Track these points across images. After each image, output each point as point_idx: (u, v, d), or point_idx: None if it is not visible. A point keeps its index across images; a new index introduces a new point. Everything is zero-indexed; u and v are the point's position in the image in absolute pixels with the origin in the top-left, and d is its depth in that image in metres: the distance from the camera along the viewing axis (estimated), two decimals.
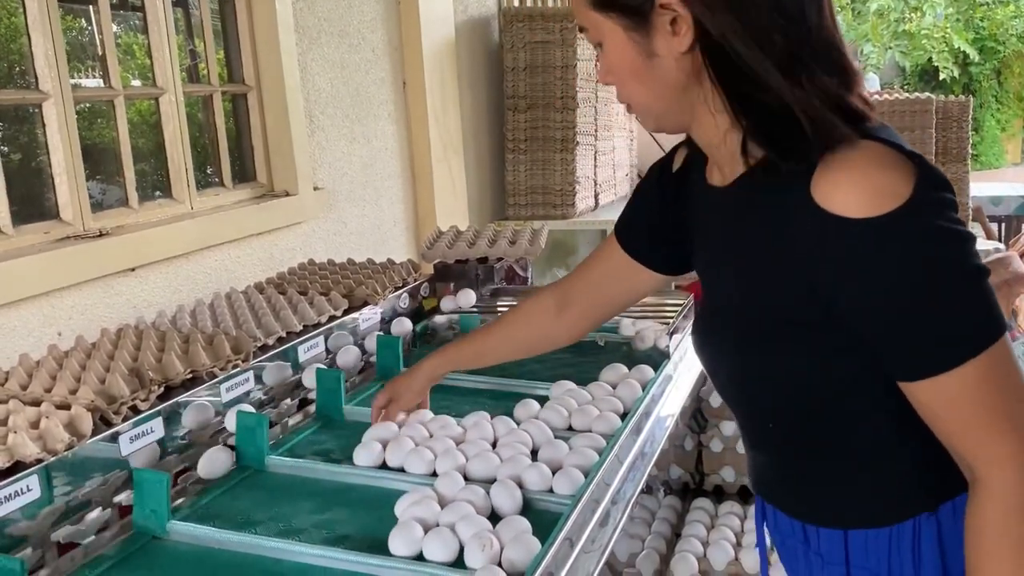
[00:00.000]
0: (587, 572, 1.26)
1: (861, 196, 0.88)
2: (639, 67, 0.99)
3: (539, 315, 1.45)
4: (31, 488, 1.28)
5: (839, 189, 0.89)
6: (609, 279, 1.35)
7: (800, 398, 1.03)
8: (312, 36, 2.88)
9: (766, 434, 1.11)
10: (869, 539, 1.02)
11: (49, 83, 2.03)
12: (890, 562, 1.01)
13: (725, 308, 1.09)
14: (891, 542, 1.01)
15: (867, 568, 1.03)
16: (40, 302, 1.93)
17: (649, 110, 1.04)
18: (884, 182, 0.88)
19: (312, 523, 1.36)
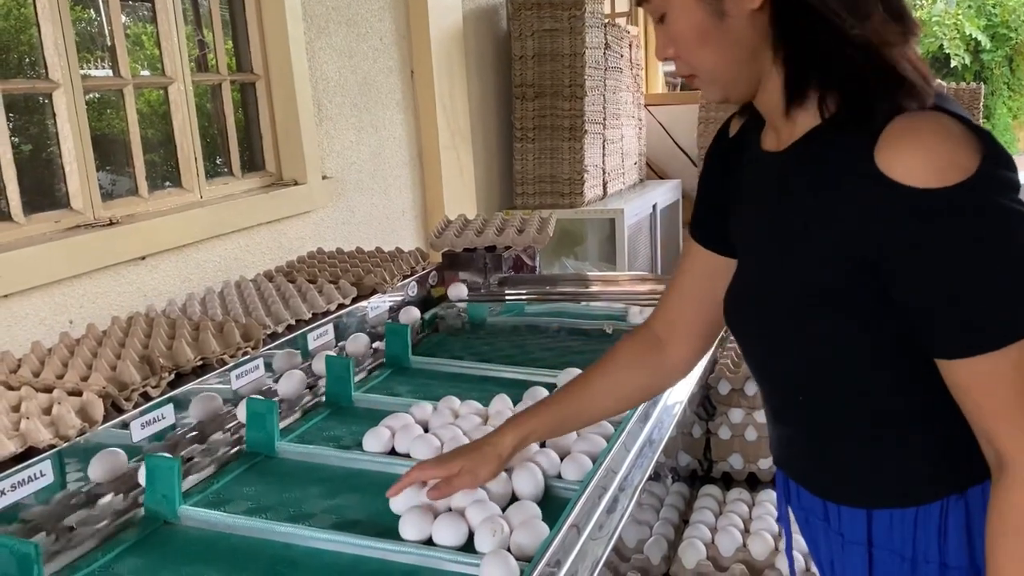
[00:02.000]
0: (595, 558, 1.27)
1: (926, 166, 0.86)
2: (708, 30, 0.96)
3: (639, 357, 1.28)
4: (44, 473, 1.29)
5: (904, 157, 0.87)
6: (702, 283, 1.23)
7: (833, 371, 1.01)
8: (320, 25, 2.88)
9: (795, 407, 1.08)
10: (894, 519, 1.01)
11: (59, 72, 2.04)
12: (915, 543, 1.00)
13: (765, 276, 1.06)
14: (917, 523, 1.00)
15: (890, 549, 1.02)
16: (51, 290, 1.94)
17: (717, 77, 1.00)
18: (950, 155, 0.86)
19: (322, 508, 1.37)
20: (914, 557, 1.00)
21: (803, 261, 0.99)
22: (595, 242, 4.36)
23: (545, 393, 1.69)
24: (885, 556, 1.02)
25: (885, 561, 1.02)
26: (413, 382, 1.91)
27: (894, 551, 1.01)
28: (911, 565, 1.01)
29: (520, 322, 2.37)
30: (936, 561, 1.00)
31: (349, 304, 2.11)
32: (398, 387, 1.89)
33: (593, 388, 1.30)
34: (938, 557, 1.00)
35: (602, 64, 4.28)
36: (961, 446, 0.97)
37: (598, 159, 4.32)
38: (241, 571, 1.21)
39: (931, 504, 0.99)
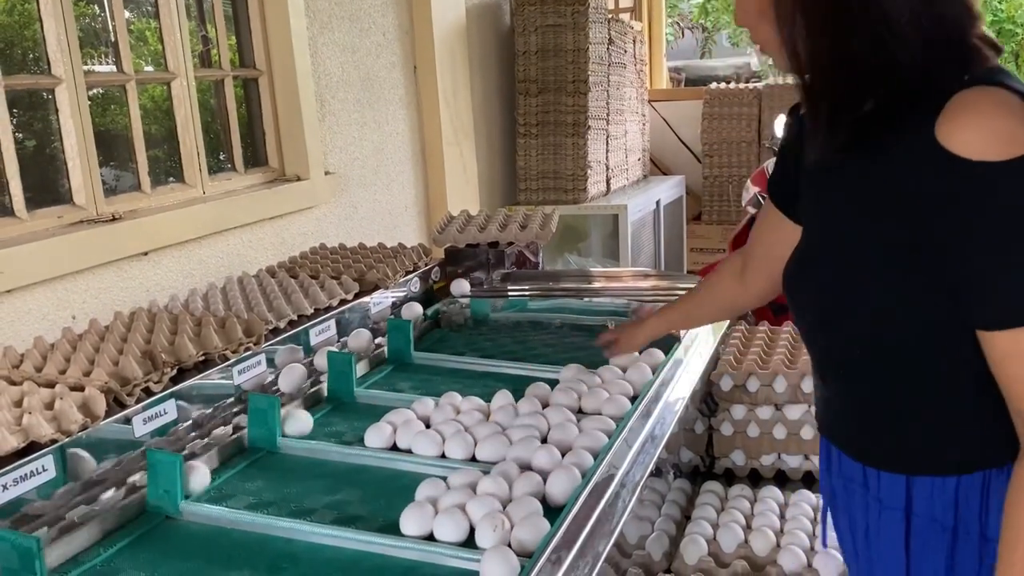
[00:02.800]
0: (596, 554, 1.27)
1: (986, 140, 0.89)
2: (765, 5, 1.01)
3: (728, 277, 1.52)
4: (46, 468, 1.29)
5: (964, 131, 0.90)
6: (775, 240, 1.30)
7: (886, 334, 1.03)
8: (323, 20, 2.88)
9: (843, 370, 1.11)
10: (935, 487, 1.02)
11: (62, 68, 2.04)
12: (957, 513, 1.01)
13: (825, 240, 1.10)
14: (959, 493, 1.01)
15: (930, 516, 1.03)
16: (54, 286, 1.94)
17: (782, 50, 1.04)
18: (1010, 129, 0.89)
19: (323, 503, 1.37)
20: (955, 528, 1.01)
21: (863, 226, 1.02)
22: (598, 238, 4.35)
23: (547, 389, 1.70)
24: (924, 524, 1.03)
25: (924, 529, 1.03)
26: (415, 378, 1.91)
27: (935, 520, 1.02)
28: (952, 535, 1.02)
29: (523, 318, 2.37)
30: (976, 533, 1.01)
31: (351, 300, 2.11)
32: (400, 383, 1.89)
33: (701, 299, 1.62)
34: (979, 529, 1.00)
35: (606, 60, 4.27)
36: (1006, 420, 0.98)
37: (601, 155, 4.32)
38: (243, 566, 1.21)
39: (973, 475, 1.00)
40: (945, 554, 1.03)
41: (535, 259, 2.73)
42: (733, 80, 7.25)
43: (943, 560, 1.03)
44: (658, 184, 4.91)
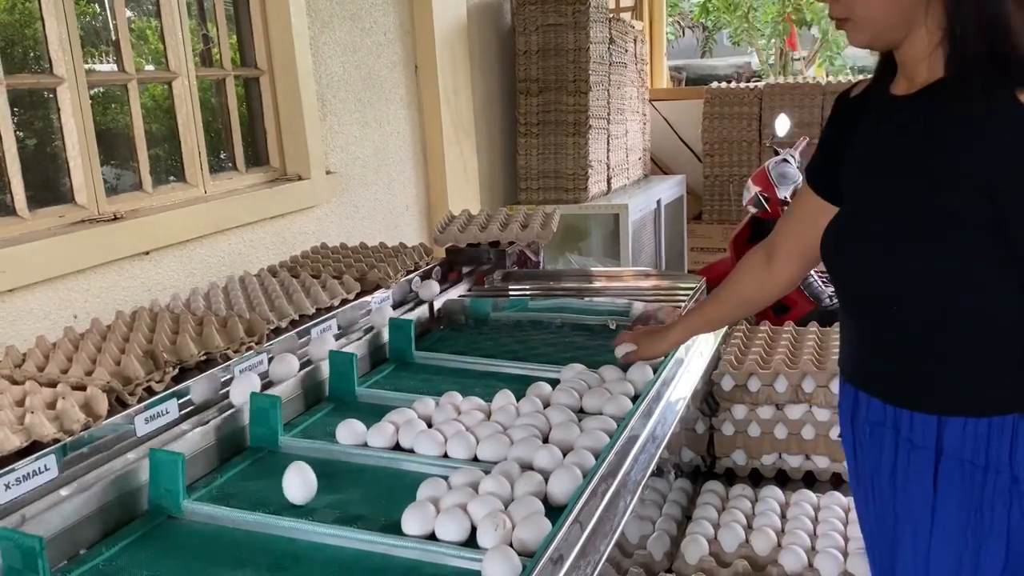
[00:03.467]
0: (598, 553, 1.27)
1: None
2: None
3: (753, 270, 1.55)
4: (48, 467, 1.29)
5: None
6: (807, 224, 1.38)
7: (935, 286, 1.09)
8: (324, 20, 2.88)
9: (884, 316, 1.16)
10: (967, 427, 1.06)
11: (63, 67, 2.04)
12: (988, 452, 1.05)
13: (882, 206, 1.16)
14: (991, 432, 1.05)
15: (961, 457, 1.06)
16: (56, 285, 1.94)
17: (872, 23, 1.10)
18: None
19: (325, 503, 1.37)
20: (987, 465, 1.06)
21: (934, 186, 1.09)
22: (599, 237, 4.35)
23: (548, 388, 1.70)
24: (954, 464, 1.07)
25: (953, 468, 1.08)
26: (416, 377, 1.91)
27: (965, 459, 1.07)
28: (983, 472, 1.06)
29: (524, 317, 2.37)
30: (1008, 473, 1.05)
31: (353, 299, 2.11)
32: (401, 382, 1.89)
33: (725, 297, 1.63)
34: (1009, 469, 1.05)
35: (606, 59, 4.27)
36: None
37: (602, 154, 4.32)
38: (244, 566, 1.21)
39: (1005, 416, 1.05)
40: (973, 493, 1.07)
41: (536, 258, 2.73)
42: (734, 79, 7.24)
43: (970, 498, 1.07)
44: (659, 183, 4.91)
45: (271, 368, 1.76)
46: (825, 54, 9.54)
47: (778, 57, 10.61)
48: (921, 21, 1.08)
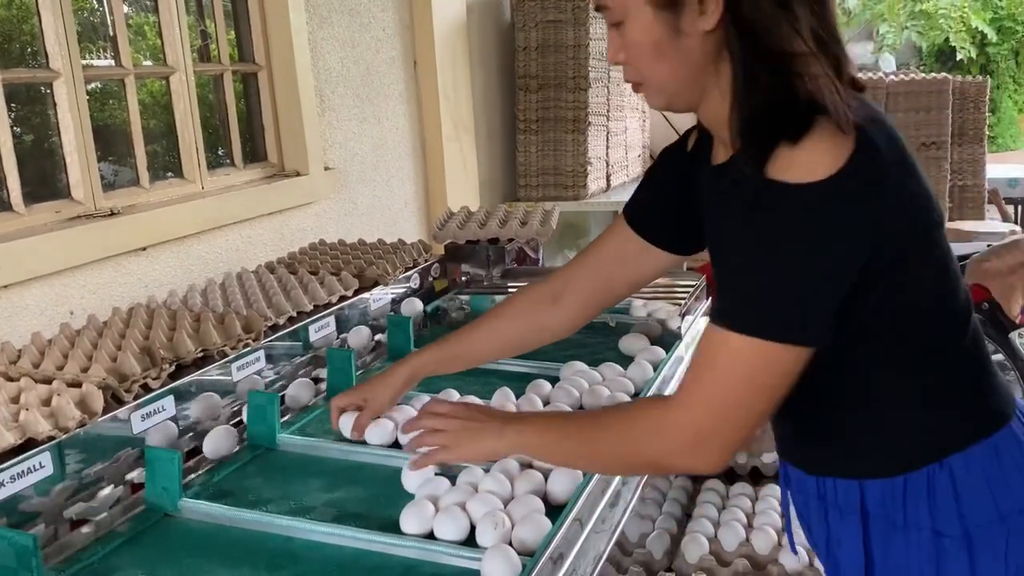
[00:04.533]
0: (597, 552, 1.26)
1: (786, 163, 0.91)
2: (662, 45, 1.01)
3: (531, 307, 1.41)
4: (43, 465, 1.28)
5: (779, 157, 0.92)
6: (615, 263, 1.35)
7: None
8: (322, 15, 2.87)
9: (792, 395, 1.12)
10: (884, 488, 1.05)
11: (59, 62, 2.03)
12: (905, 510, 1.03)
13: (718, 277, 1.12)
14: (907, 491, 1.03)
15: (884, 516, 1.05)
16: (52, 281, 1.93)
17: (664, 88, 1.06)
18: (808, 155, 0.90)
19: (323, 501, 1.36)
20: (905, 524, 1.04)
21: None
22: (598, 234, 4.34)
23: (548, 387, 1.68)
24: (880, 525, 1.06)
25: (880, 530, 1.06)
26: None
27: (888, 519, 1.05)
28: (903, 532, 1.04)
29: None
30: (928, 528, 1.03)
31: (351, 296, 2.10)
32: None
33: (480, 333, 1.44)
34: (930, 524, 1.03)
35: (606, 56, 4.25)
36: (934, 420, 1.03)
37: (601, 151, 4.30)
38: (241, 564, 1.20)
39: (918, 471, 1.03)
40: (900, 552, 1.05)
41: (535, 256, 2.72)
42: None
43: (896, 558, 1.05)
44: None
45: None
46: None
47: None
48: (713, 83, 1.02)
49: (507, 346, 1.47)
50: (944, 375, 1.05)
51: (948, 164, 5.56)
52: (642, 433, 1.04)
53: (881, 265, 0.95)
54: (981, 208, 5.78)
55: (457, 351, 1.46)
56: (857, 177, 0.90)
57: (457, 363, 1.49)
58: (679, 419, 1.00)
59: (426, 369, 1.47)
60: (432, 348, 1.48)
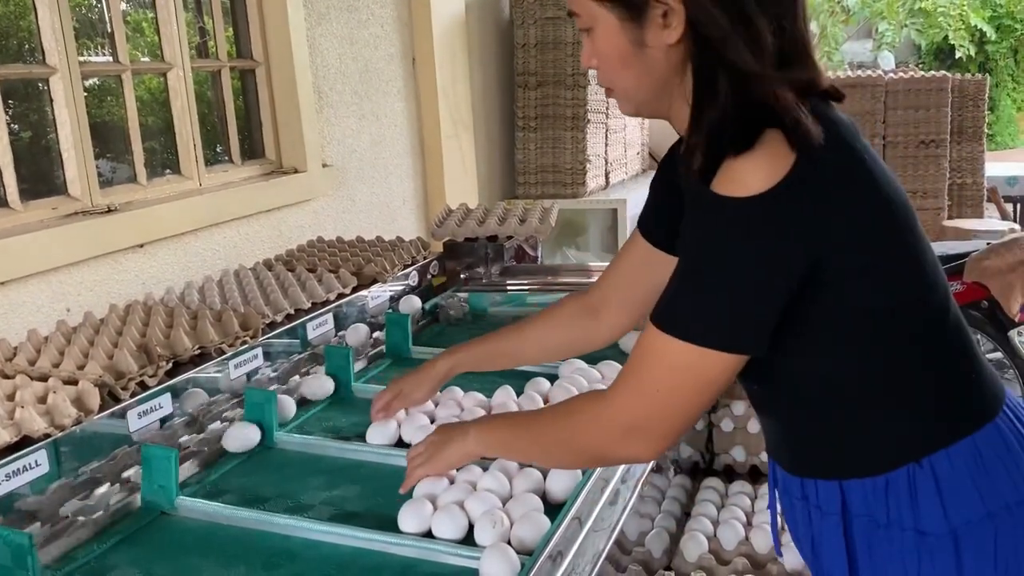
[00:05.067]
0: (596, 550, 1.26)
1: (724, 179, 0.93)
2: (628, 55, 1.04)
3: (575, 320, 1.44)
4: (39, 463, 1.28)
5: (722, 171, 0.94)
6: (640, 270, 1.36)
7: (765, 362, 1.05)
8: (321, 11, 2.86)
9: (763, 398, 1.15)
10: (866, 488, 1.05)
11: (56, 57, 2.02)
12: (888, 510, 1.04)
13: None
14: (888, 490, 1.04)
15: (868, 515, 1.05)
16: (48, 278, 1.92)
17: (630, 96, 1.10)
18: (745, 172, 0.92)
19: (320, 500, 1.36)
20: (888, 523, 1.04)
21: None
22: (597, 232, 4.33)
23: (547, 384, 1.68)
24: (863, 523, 1.06)
25: (862, 528, 1.06)
26: None
27: (871, 518, 1.05)
28: (886, 531, 1.04)
29: (522, 312, 2.35)
30: (912, 528, 1.03)
31: (349, 293, 2.09)
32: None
33: (525, 335, 1.48)
34: (913, 524, 1.03)
35: None
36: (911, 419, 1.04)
37: (600, 149, 4.30)
38: (238, 563, 1.20)
39: (898, 471, 1.03)
40: (884, 552, 1.05)
41: (534, 253, 2.71)
42: None
43: (880, 557, 1.06)
44: None
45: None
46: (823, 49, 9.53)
47: None
48: (679, 93, 1.04)
49: (553, 354, 1.52)
50: (922, 374, 1.05)
51: (947, 162, 5.55)
52: (581, 425, 1.08)
53: (832, 274, 0.97)
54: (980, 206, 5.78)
55: (501, 351, 1.51)
56: (791, 192, 0.92)
57: (499, 362, 1.54)
58: (612, 412, 1.04)
59: (466, 365, 1.52)
60: (473, 345, 1.52)
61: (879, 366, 1.03)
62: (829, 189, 0.94)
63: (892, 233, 1.01)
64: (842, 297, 0.99)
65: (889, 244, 1.01)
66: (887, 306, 1.01)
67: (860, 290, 0.99)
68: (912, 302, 1.03)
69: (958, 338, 1.08)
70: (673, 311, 0.99)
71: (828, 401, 1.06)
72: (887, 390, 1.04)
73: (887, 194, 1.00)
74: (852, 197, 0.96)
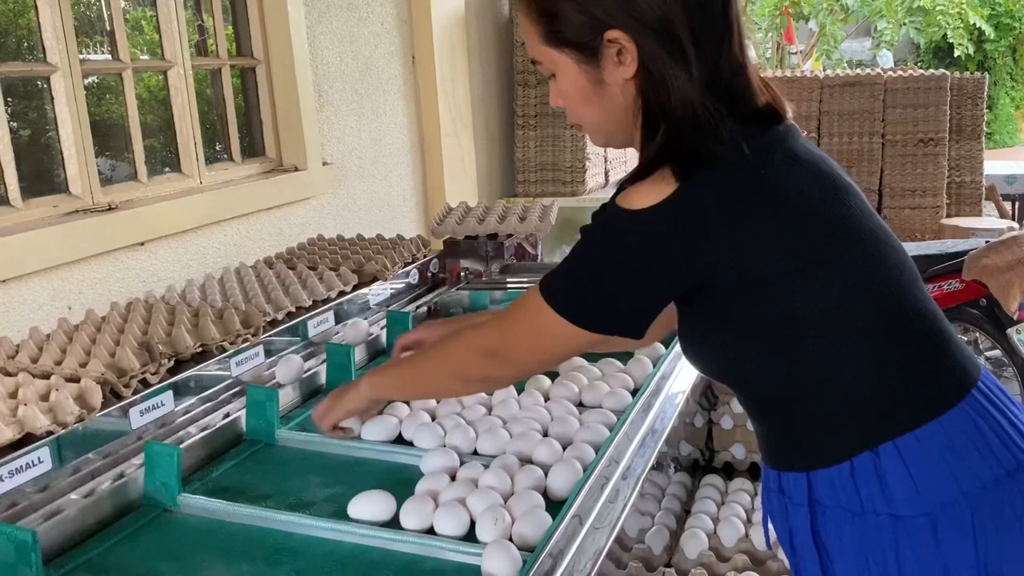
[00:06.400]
0: (597, 548, 1.26)
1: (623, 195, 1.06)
2: (590, 93, 1.12)
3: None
4: (42, 460, 1.28)
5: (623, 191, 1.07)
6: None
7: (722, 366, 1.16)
8: (321, 9, 2.86)
9: (740, 398, 1.21)
10: (832, 476, 1.08)
11: (57, 55, 2.02)
12: (859, 494, 1.06)
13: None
14: (855, 476, 1.06)
15: (835, 506, 1.08)
16: (50, 276, 1.93)
17: (598, 130, 1.18)
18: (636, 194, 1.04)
19: (322, 497, 1.36)
20: (863, 510, 1.06)
21: None
22: None
23: (548, 382, 1.68)
24: (834, 514, 1.08)
25: (833, 519, 1.08)
26: None
27: (842, 507, 1.07)
28: (861, 518, 1.06)
29: None
30: (886, 512, 1.05)
31: (350, 291, 2.10)
32: None
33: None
34: (887, 508, 1.04)
35: None
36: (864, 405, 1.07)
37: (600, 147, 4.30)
38: (241, 559, 1.20)
39: (862, 455, 1.06)
40: (857, 538, 1.07)
41: (534, 251, 2.72)
42: None
43: (855, 545, 1.07)
44: None
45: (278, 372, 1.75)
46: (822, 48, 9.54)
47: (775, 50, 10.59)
48: (636, 125, 1.11)
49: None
50: (878, 363, 1.07)
51: (945, 161, 5.56)
52: (454, 350, 1.26)
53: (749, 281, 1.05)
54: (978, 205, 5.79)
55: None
56: (664, 214, 1.03)
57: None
58: (479, 338, 1.21)
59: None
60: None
61: (830, 360, 1.07)
62: (711, 212, 1.03)
63: (805, 244, 1.06)
64: (773, 300, 1.06)
65: (812, 248, 1.06)
66: (825, 303, 1.06)
67: (790, 292, 1.05)
68: (855, 296, 1.07)
69: (917, 325, 1.10)
70: (555, 284, 1.13)
71: (786, 396, 1.10)
72: (842, 382, 1.07)
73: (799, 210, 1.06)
74: (743, 219, 1.04)
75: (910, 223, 5.51)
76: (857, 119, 5.56)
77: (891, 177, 5.55)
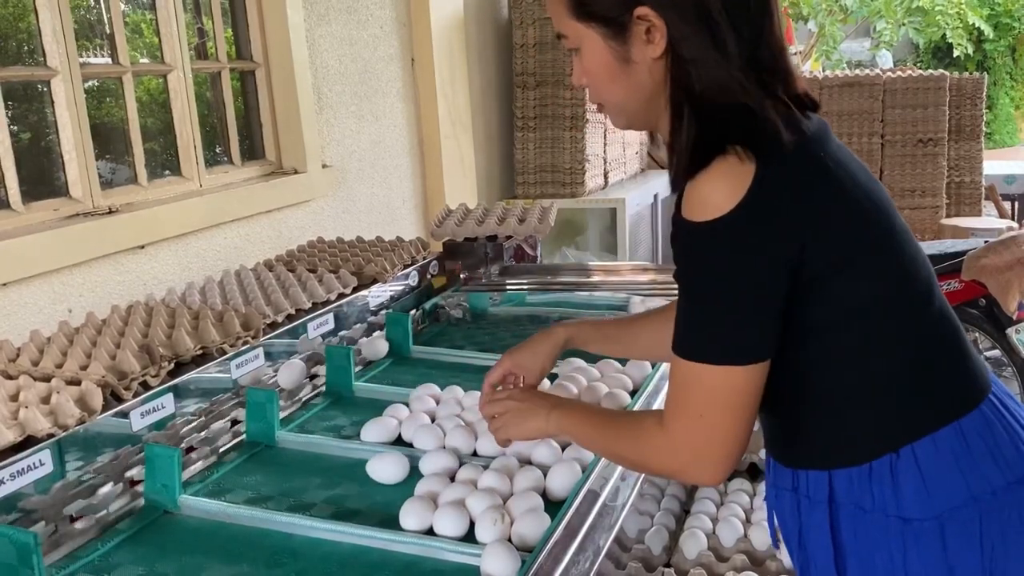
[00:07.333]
0: (596, 548, 1.26)
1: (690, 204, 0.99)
2: (615, 71, 1.08)
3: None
4: (43, 463, 1.28)
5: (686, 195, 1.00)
6: None
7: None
8: (320, 12, 2.87)
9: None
10: (851, 476, 1.08)
11: (57, 59, 2.03)
12: (873, 497, 1.06)
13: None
14: (872, 478, 1.06)
15: (852, 503, 1.08)
16: (50, 279, 1.93)
17: (622, 110, 1.14)
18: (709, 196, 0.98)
19: (322, 498, 1.36)
20: (874, 508, 1.06)
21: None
22: (596, 232, 4.34)
23: (547, 383, 1.68)
24: (849, 511, 1.08)
25: (849, 516, 1.09)
26: (414, 372, 1.90)
27: (856, 504, 1.08)
28: (871, 516, 1.07)
29: (521, 312, 2.36)
30: (895, 515, 1.05)
31: (350, 293, 2.10)
32: (399, 377, 1.88)
33: (639, 329, 1.46)
34: (896, 510, 1.05)
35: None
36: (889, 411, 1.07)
37: (599, 148, 4.30)
38: (241, 561, 1.21)
39: (881, 459, 1.06)
40: (869, 539, 1.07)
41: (533, 253, 2.72)
42: None
43: (867, 543, 1.08)
44: (656, 178, 4.90)
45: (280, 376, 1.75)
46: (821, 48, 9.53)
47: None
48: (664, 106, 1.08)
49: (656, 354, 1.49)
50: (905, 365, 1.07)
51: (945, 161, 5.56)
52: (650, 452, 1.12)
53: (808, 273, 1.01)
54: (978, 204, 5.79)
55: (616, 337, 1.49)
56: (756, 204, 0.97)
57: (610, 348, 1.52)
58: (674, 443, 1.07)
59: (581, 340, 1.48)
60: (589, 323, 1.50)
61: (860, 359, 1.06)
62: (792, 194, 0.99)
63: (862, 232, 1.05)
64: (818, 295, 1.03)
65: (860, 242, 1.04)
66: (864, 302, 1.05)
67: (835, 288, 1.03)
68: (890, 296, 1.06)
69: (942, 327, 1.10)
70: (688, 339, 1.03)
71: (813, 395, 1.09)
72: (870, 382, 1.07)
73: (855, 196, 1.05)
74: (817, 201, 1.01)
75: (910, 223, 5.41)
76: (856, 119, 5.57)
77: (891, 177, 5.56)
